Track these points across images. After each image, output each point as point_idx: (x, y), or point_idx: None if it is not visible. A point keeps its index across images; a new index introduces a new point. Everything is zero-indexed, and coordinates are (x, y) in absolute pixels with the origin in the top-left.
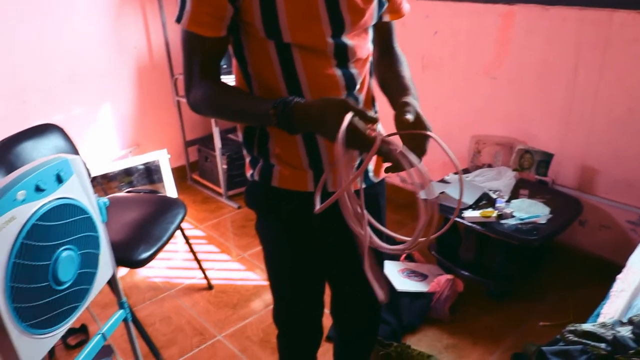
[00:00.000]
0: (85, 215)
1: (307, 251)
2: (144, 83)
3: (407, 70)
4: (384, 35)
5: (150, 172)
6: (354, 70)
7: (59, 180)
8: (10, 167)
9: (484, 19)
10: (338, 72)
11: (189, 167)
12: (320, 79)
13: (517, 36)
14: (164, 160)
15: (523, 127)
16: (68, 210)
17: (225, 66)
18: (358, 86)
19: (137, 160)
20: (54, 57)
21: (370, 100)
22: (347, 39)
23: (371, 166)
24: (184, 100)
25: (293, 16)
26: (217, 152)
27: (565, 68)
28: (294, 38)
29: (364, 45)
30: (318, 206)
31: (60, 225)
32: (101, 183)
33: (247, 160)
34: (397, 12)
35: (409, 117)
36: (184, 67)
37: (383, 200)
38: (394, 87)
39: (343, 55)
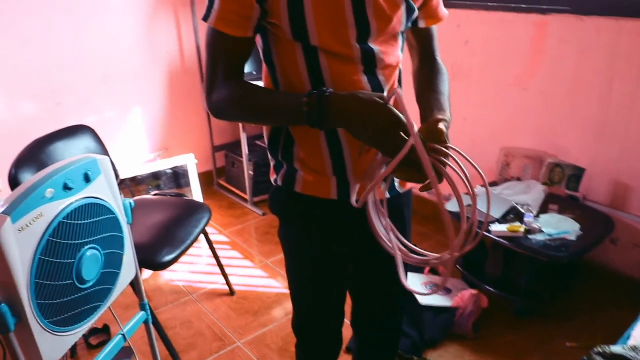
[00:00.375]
0: (111, 216)
1: (329, 260)
2: (174, 87)
3: (447, 86)
4: (422, 42)
5: (178, 177)
6: (381, 78)
7: (87, 179)
8: (41, 167)
9: (516, 29)
10: (364, 79)
11: (216, 172)
12: (347, 85)
13: (550, 47)
14: (192, 164)
15: (554, 140)
16: (94, 209)
17: (255, 73)
18: (385, 94)
19: (165, 164)
20: (88, 59)
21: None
22: (374, 45)
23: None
24: None
25: (320, 18)
26: (244, 158)
27: (599, 80)
28: (320, 41)
29: (392, 52)
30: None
31: (86, 224)
32: (129, 186)
33: (272, 164)
34: (433, 17)
35: (442, 126)
36: (207, 67)
37: (408, 212)
38: (430, 102)
39: (370, 62)
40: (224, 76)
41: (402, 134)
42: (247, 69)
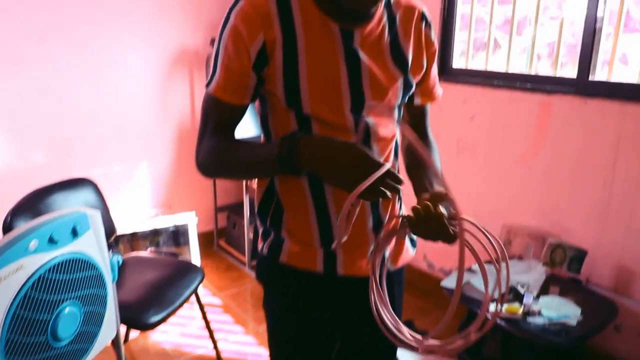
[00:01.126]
0: (96, 272)
1: (312, 335)
2: (182, 145)
3: (439, 162)
4: (416, 118)
5: (178, 234)
6: (375, 149)
7: (75, 233)
8: (37, 216)
9: (521, 107)
10: None
11: (216, 232)
12: None
13: (554, 126)
14: (192, 223)
15: (557, 220)
16: (78, 264)
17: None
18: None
19: (166, 221)
20: (101, 113)
21: None
22: (368, 117)
23: (387, 252)
24: None
25: (314, 87)
26: (245, 220)
27: (603, 162)
28: (313, 110)
29: (387, 125)
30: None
31: (68, 279)
32: (130, 240)
33: (260, 231)
34: (428, 95)
35: (443, 210)
36: (199, 126)
37: (399, 289)
38: (423, 176)
39: (364, 133)
40: (212, 133)
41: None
42: (254, 132)
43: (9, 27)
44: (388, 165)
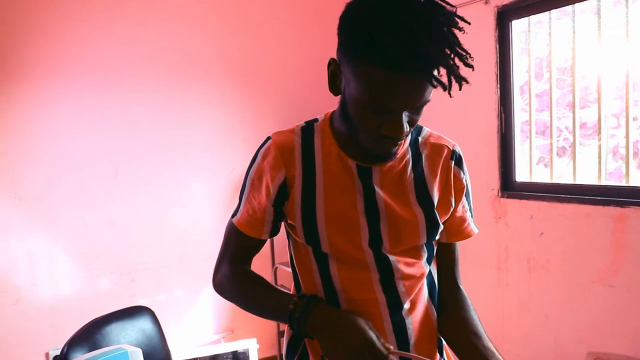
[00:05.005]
0: None
1: None
2: None
3: (480, 324)
4: (444, 265)
5: None
6: (401, 288)
7: None
8: (94, 347)
9: (594, 221)
10: (379, 288)
11: (279, 358)
12: (359, 294)
13: (633, 240)
14: (253, 350)
15: None
16: None
17: None
18: (406, 306)
19: (226, 347)
20: (166, 240)
21: (431, 329)
22: (389, 255)
23: None
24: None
25: (330, 222)
26: None
27: None
28: (331, 246)
29: (413, 263)
30: None
31: None
32: None
33: None
34: (455, 234)
35: None
36: (220, 248)
37: None
38: (475, 347)
39: (386, 270)
40: (230, 260)
41: None
42: None
43: (87, 164)
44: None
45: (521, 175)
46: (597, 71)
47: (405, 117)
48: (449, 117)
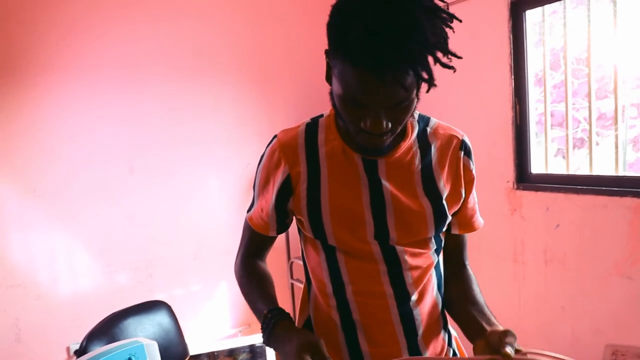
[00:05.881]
0: None
1: None
2: None
3: (481, 296)
4: (452, 251)
5: (255, 355)
6: (408, 280)
7: None
8: (111, 340)
9: (611, 213)
10: (385, 279)
11: None
12: (365, 286)
13: None
14: None
15: None
16: None
17: None
18: (414, 297)
19: (243, 341)
20: (183, 235)
21: (439, 320)
22: (397, 246)
23: None
24: (297, 284)
25: (336, 216)
26: None
27: None
28: (337, 240)
29: (420, 255)
30: None
31: None
32: (209, 358)
33: None
34: (466, 226)
35: (509, 350)
36: (239, 242)
37: None
38: (473, 314)
39: (393, 262)
40: (243, 254)
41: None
42: None
43: (104, 161)
44: None
45: (538, 167)
46: (613, 60)
47: (383, 113)
48: (464, 108)
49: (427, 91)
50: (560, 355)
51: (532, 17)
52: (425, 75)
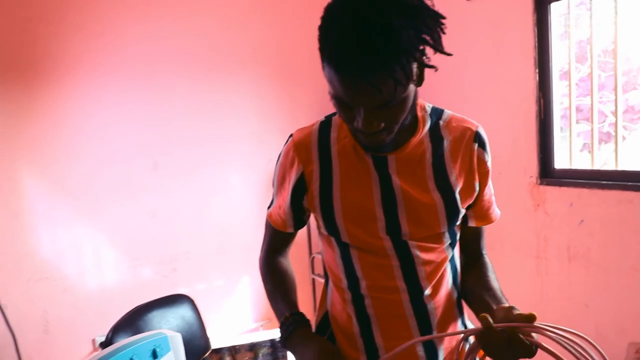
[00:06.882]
0: None
1: None
2: None
3: (497, 282)
4: (470, 240)
5: (276, 349)
6: (421, 274)
7: (154, 355)
8: (136, 333)
9: (636, 208)
10: (399, 274)
11: None
12: (379, 281)
13: None
14: None
15: None
16: None
17: None
18: (427, 291)
19: (264, 335)
20: (205, 230)
21: (454, 313)
22: (409, 241)
23: None
24: (319, 279)
25: (348, 213)
26: None
27: None
28: (350, 237)
29: (434, 249)
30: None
31: None
32: (231, 354)
33: None
34: (483, 218)
35: (517, 312)
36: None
37: None
38: (485, 299)
39: (406, 257)
40: (266, 249)
41: None
42: None
43: (129, 157)
44: None
45: (563, 162)
46: None
47: (374, 113)
48: (487, 102)
49: (436, 69)
50: (573, 330)
51: (558, 8)
52: (403, 79)
